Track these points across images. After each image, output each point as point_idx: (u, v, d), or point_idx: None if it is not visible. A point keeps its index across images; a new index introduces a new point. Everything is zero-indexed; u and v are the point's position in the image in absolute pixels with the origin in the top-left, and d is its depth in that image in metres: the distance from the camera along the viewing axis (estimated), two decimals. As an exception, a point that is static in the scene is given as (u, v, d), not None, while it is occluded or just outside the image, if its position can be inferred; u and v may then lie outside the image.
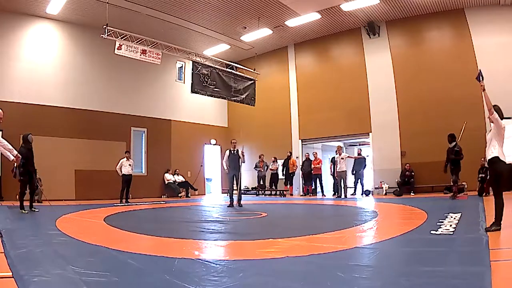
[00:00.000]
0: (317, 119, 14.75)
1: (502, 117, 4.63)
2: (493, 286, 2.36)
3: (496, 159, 4.44)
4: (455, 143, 9.56)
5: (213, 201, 12.52)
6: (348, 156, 12.72)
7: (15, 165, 7.26)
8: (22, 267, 3.02)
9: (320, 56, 15.26)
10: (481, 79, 4.70)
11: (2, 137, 5.26)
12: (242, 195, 9.83)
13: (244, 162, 9.62)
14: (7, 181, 9.69)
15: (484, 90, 4.56)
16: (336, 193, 12.56)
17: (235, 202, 9.33)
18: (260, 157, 14.93)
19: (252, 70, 14.20)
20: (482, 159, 9.80)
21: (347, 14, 12.48)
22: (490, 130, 4.66)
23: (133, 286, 2.69)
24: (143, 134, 14.46)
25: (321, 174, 13.57)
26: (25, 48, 11.66)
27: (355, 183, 13.22)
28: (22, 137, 7.80)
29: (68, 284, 2.69)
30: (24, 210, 7.67)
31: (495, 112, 4.49)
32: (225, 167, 9.47)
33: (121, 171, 11.12)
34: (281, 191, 14.38)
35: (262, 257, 3.53)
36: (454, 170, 9.56)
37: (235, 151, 9.39)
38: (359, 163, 13.04)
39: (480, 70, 4.83)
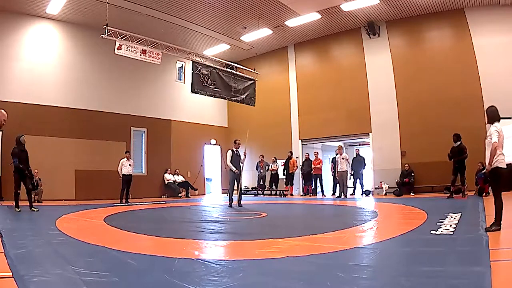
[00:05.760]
0: (317, 119, 14.75)
1: (498, 119, 4.60)
2: (493, 286, 2.36)
3: (495, 169, 4.45)
4: (460, 142, 9.58)
5: (213, 201, 12.52)
6: (346, 159, 12.65)
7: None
8: (22, 267, 3.01)
9: (320, 56, 15.26)
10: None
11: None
12: (242, 195, 9.81)
13: (242, 163, 9.55)
14: (7, 181, 9.70)
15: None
16: (335, 193, 12.56)
17: (235, 202, 9.33)
18: (260, 157, 14.94)
19: (252, 70, 14.20)
20: (479, 164, 9.80)
21: (347, 14, 12.48)
22: (489, 136, 4.60)
23: (133, 286, 2.69)
24: (143, 134, 14.46)
25: (321, 174, 13.56)
26: (25, 48, 11.66)
27: (354, 183, 13.21)
28: (15, 139, 7.94)
29: (68, 284, 2.69)
30: (18, 209, 7.71)
31: (493, 148, 4.41)
32: (233, 168, 9.17)
33: (121, 172, 11.12)
34: (281, 191, 14.38)
35: (262, 257, 3.53)
36: (459, 170, 9.56)
37: (238, 152, 9.36)
38: (359, 163, 13.03)
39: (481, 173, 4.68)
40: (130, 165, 11.26)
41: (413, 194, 11.76)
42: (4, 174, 10.46)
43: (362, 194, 12.76)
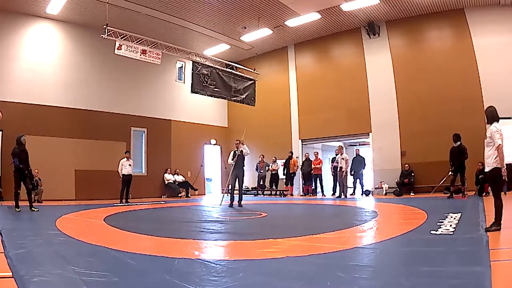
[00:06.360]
0: (317, 119, 14.75)
1: (497, 119, 4.59)
2: (493, 286, 2.36)
3: (495, 169, 4.44)
4: (459, 142, 9.57)
5: (213, 201, 12.52)
6: (346, 159, 12.64)
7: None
8: (22, 267, 3.02)
9: (320, 56, 15.25)
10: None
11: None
12: (242, 195, 9.84)
13: (248, 154, 9.65)
14: (7, 181, 9.71)
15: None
16: (335, 193, 12.57)
17: (235, 202, 9.35)
18: (260, 157, 14.94)
19: (252, 70, 14.19)
20: (480, 163, 9.79)
21: (347, 14, 12.48)
22: (488, 136, 4.59)
23: (133, 286, 2.69)
24: (143, 134, 14.46)
25: (321, 174, 13.56)
26: (25, 48, 11.65)
27: (354, 183, 13.21)
28: (16, 139, 8.00)
29: (68, 284, 2.69)
30: (18, 209, 7.73)
31: (499, 150, 4.40)
32: (231, 162, 9.44)
33: (121, 172, 11.12)
34: (281, 191, 14.38)
35: (262, 257, 3.53)
36: (458, 170, 9.55)
37: (238, 151, 9.42)
38: (359, 163, 13.02)
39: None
40: (130, 165, 11.25)
41: (413, 194, 11.75)
42: (4, 174, 10.45)
43: (362, 194, 12.76)
